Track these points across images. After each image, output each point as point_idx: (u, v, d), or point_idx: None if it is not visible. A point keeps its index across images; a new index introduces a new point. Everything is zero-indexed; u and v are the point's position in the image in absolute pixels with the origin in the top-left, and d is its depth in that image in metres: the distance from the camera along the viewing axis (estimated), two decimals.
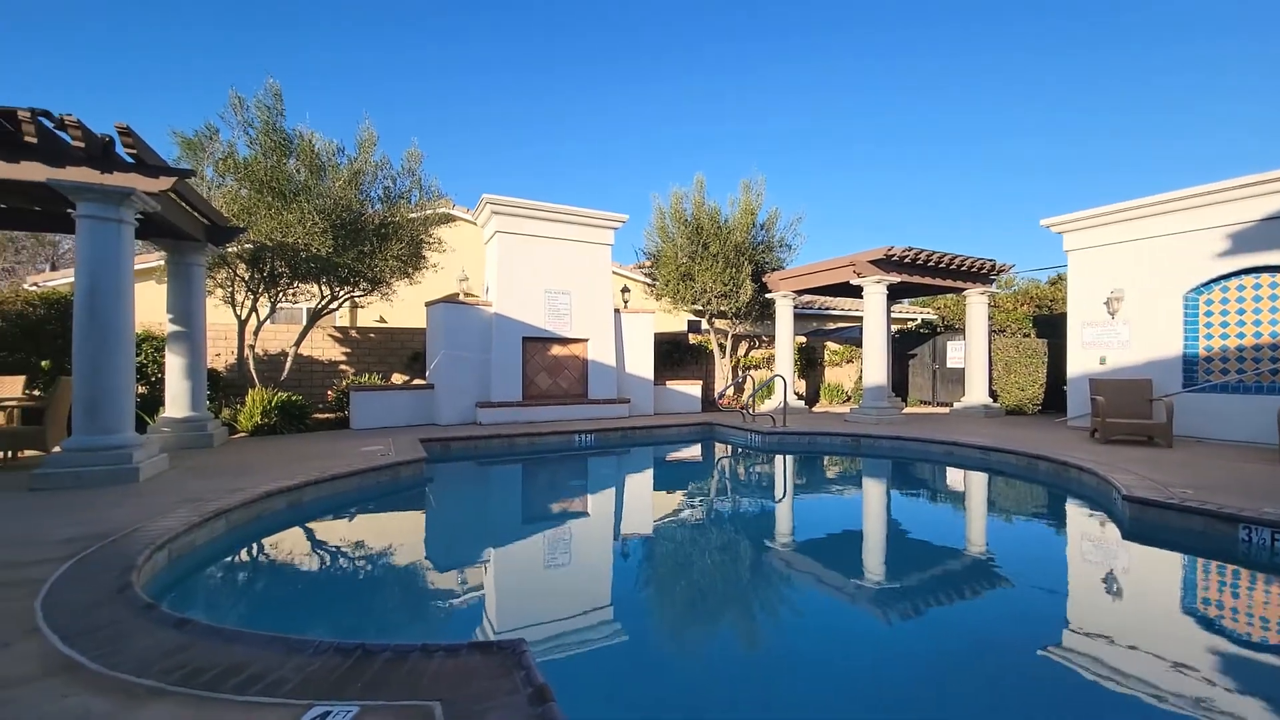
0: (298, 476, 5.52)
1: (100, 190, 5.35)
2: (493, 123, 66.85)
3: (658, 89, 65.57)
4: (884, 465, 8.24)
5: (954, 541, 5.10)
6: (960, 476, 7.46)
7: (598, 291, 11.53)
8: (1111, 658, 2.80)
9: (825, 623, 3.44)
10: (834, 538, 5.22)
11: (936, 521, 5.71)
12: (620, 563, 4.53)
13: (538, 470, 8.25)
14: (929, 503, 6.52)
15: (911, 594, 3.74)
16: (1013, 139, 68.78)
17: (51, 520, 4.03)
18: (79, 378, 5.35)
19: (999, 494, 6.76)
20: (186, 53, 42.36)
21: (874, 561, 4.59)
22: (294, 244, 9.25)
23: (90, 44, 38.68)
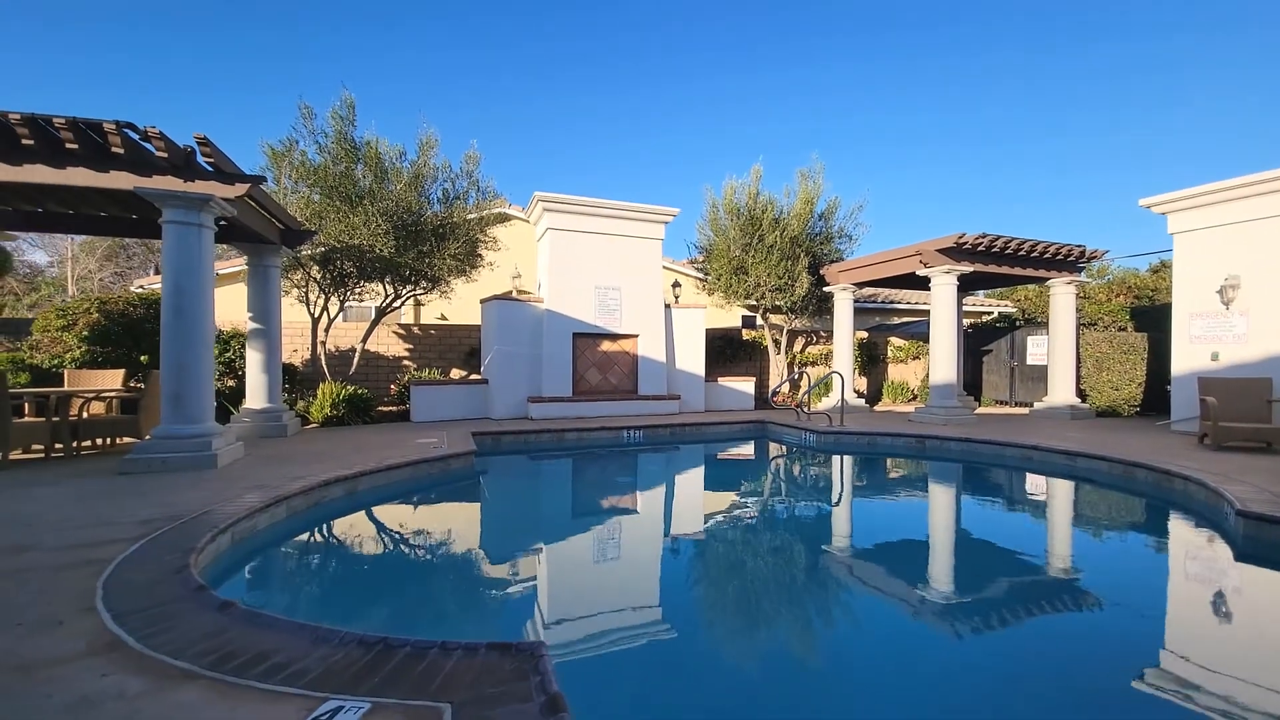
0: (355, 466, 5.75)
1: (183, 197, 5.77)
2: (546, 124, 68.11)
3: (708, 86, 64.58)
4: (952, 470, 7.66)
5: (1033, 555, 4.63)
6: (1042, 485, 6.81)
7: (648, 287, 11.43)
8: (1217, 691, 2.40)
9: (885, 636, 3.17)
10: (895, 545, 4.86)
11: (1013, 533, 5.21)
12: (665, 562, 4.42)
13: (586, 466, 8.26)
14: (1004, 512, 5.97)
15: (983, 610, 3.40)
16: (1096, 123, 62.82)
17: (134, 502, 4.37)
18: (165, 371, 5.81)
19: (1088, 505, 6.10)
20: (252, 55, 45.45)
21: (940, 572, 4.22)
22: (359, 245, 9.72)
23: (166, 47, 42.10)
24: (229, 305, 12.54)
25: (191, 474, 5.48)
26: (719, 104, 68.84)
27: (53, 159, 5.48)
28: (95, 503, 4.39)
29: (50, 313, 8.51)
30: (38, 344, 8.35)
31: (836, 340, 12.44)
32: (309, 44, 48.11)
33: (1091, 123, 62.08)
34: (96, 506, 4.26)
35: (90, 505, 4.29)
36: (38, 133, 5.17)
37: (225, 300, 13.72)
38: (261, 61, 47.22)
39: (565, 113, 68.58)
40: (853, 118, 67.93)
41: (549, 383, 10.60)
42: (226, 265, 14.32)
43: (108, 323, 8.50)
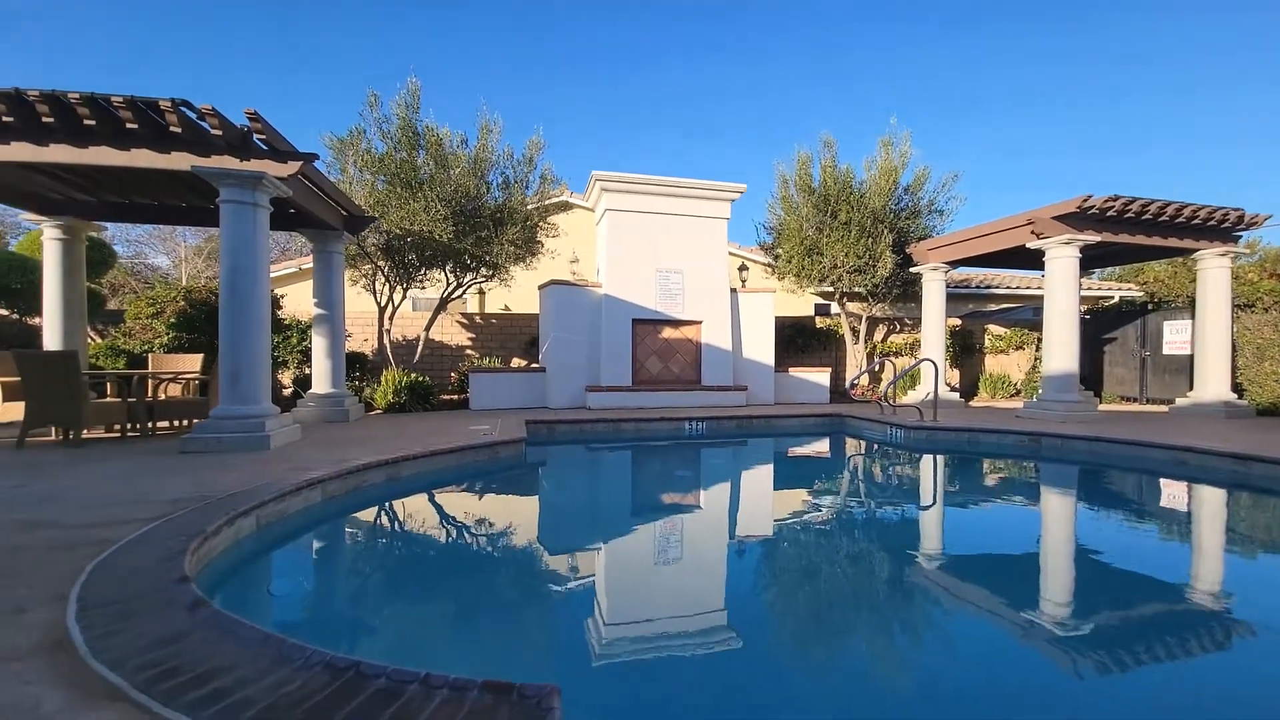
0: (400, 450, 5.50)
1: (237, 175, 5.73)
2: (605, 111, 67.58)
3: (774, 49, 61.70)
4: (1076, 474, 6.43)
5: (1178, 577, 3.57)
6: (1201, 495, 5.50)
7: (713, 270, 10.68)
8: None
9: (986, 662, 2.45)
10: (1001, 559, 3.93)
11: (1154, 550, 4.10)
12: (731, 566, 3.77)
13: (645, 458, 7.69)
14: (1148, 527, 4.79)
15: (1111, 638, 2.55)
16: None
17: (174, 481, 4.25)
18: (224, 350, 5.81)
19: (1262, 521, 4.80)
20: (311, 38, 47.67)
21: (1057, 592, 3.32)
22: (419, 231, 9.67)
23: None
24: (300, 297, 13.04)
25: (244, 454, 5.42)
26: (792, 75, 65.48)
27: (116, 140, 5.58)
28: (138, 480, 4.32)
29: (141, 301, 9.04)
30: (131, 331, 8.89)
31: (925, 327, 11.12)
32: (366, 26, 50.46)
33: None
34: (137, 484, 4.17)
35: (132, 483, 4.22)
36: (99, 113, 5.24)
37: (301, 294, 14.30)
38: (322, 43, 49.76)
39: (625, 97, 67.81)
40: (941, 82, 62.45)
41: (608, 371, 10.13)
42: (305, 260, 14.97)
43: (192, 310, 8.91)
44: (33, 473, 4.55)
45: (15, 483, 4.15)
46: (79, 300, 7.77)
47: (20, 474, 4.50)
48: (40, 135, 5.45)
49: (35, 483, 4.18)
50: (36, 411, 5.74)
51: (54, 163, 5.62)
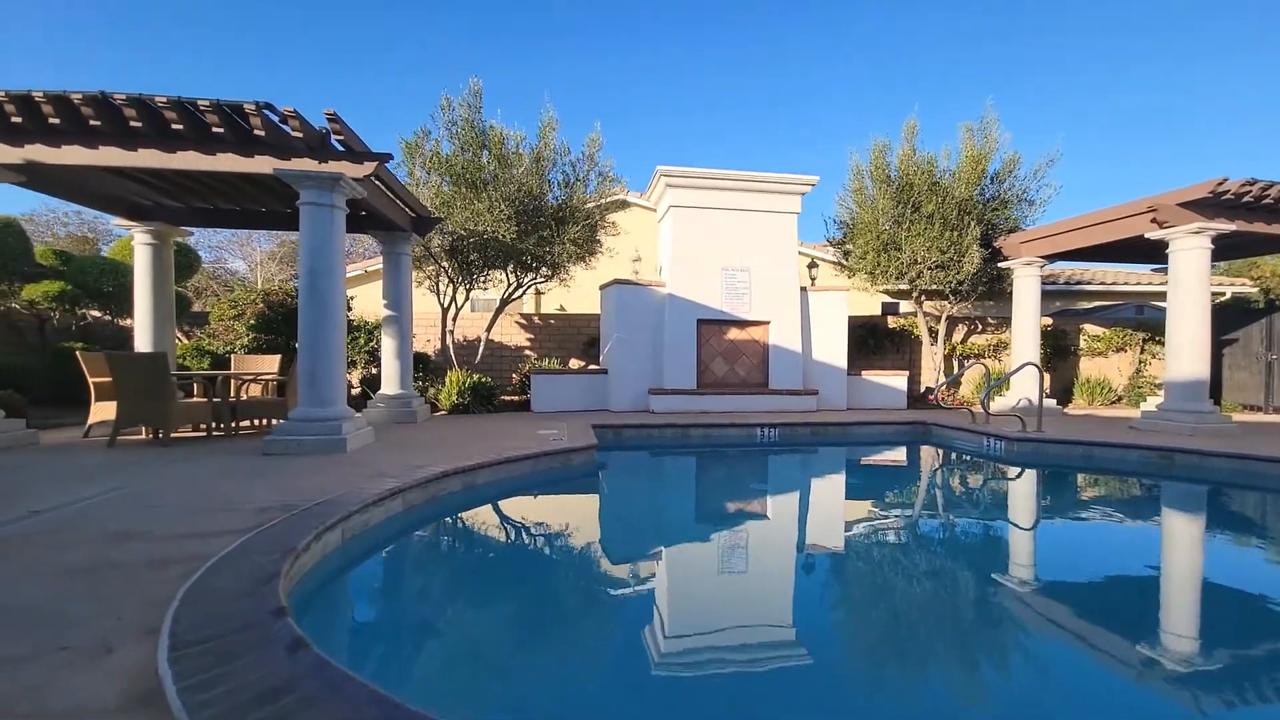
0: (474, 457, 5.32)
1: (315, 177, 5.71)
2: (665, 107, 66.69)
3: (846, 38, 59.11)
4: (1219, 498, 5.60)
5: None
6: None
7: (782, 267, 10.15)
8: None
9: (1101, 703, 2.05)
10: (1134, 598, 3.34)
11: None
12: (813, 587, 3.39)
13: (718, 467, 7.31)
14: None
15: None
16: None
17: (258, 486, 4.18)
18: (303, 351, 5.81)
19: None
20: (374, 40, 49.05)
21: (1188, 628, 2.77)
22: (482, 232, 9.61)
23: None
24: (372, 301, 13.32)
25: (322, 458, 5.38)
26: (860, 59, 62.63)
27: (201, 144, 5.65)
28: (224, 484, 4.28)
29: (224, 303, 9.38)
30: (214, 332, 9.22)
31: (1017, 327, 10.20)
32: (425, 25, 51.79)
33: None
34: (224, 488, 4.13)
35: (219, 487, 4.17)
36: (185, 117, 5.30)
37: (367, 296, 14.63)
38: (384, 41, 51.35)
39: (684, 94, 66.81)
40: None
41: (671, 373, 9.78)
42: (373, 263, 15.35)
43: (270, 312, 9.15)
44: (125, 474, 4.61)
45: (110, 486, 4.18)
46: (168, 303, 8.07)
47: (114, 475, 4.56)
48: (129, 140, 5.58)
49: (127, 486, 4.20)
50: (128, 411, 5.91)
51: (143, 167, 5.75)
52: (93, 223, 25.45)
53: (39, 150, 5.48)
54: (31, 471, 4.68)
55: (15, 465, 4.90)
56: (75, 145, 5.51)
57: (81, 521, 3.29)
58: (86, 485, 4.18)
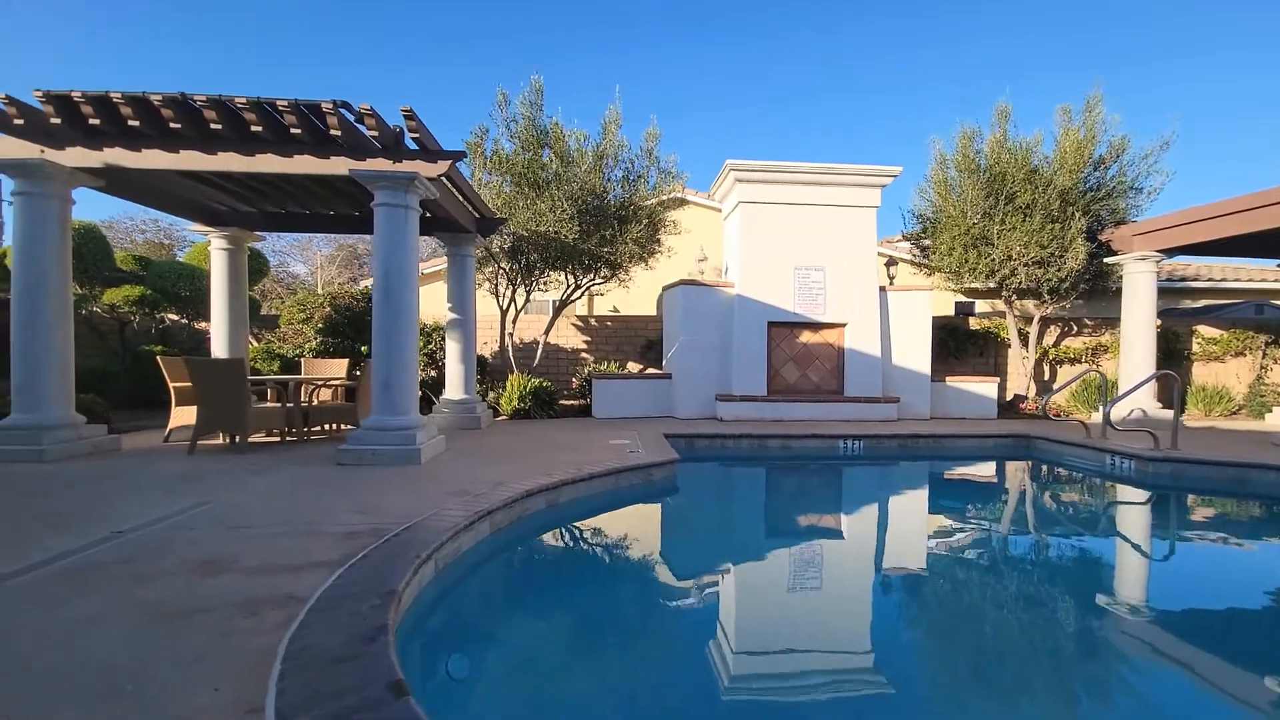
0: (554, 472, 4.97)
1: (390, 177, 5.49)
2: (721, 102, 64.94)
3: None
4: None
5: None
6: None
7: (859, 266, 9.47)
8: None
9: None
10: None
11: None
12: (916, 619, 2.80)
13: (800, 481, 6.78)
14: None
15: None
16: None
17: (340, 503, 3.93)
18: (376, 357, 5.61)
19: None
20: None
21: None
22: (545, 232, 9.34)
23: None
24: (430, 303, 13.31)
25: (397, 469, 5.15)
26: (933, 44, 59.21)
27: (279, 146, 5.52)
28: (305, 498, 4.06)
29: (293, 307, 9.44)
30: (283, 335, 9.29)
31: (1128, 329, 9.18)
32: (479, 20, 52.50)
33: None
34: (305, 504, 3.89)
35: (300, 501, 3.95)
36: (264, 118, 5.15)
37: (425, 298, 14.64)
38: (442, 37, 52.31)
39: (744, 87, 64.96)
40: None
41: (740, 379, 9.25)
42: (429, 265, 15.40)
43: (337, 315, 9.15)
44: (206, 486, 4.47)
45: (192, 500, 4.01)
46: (242, 307, 8.12)
47: (195, 487, 4.42)
48: (208, 142, 5.50)
49: (209, 501, 4.02)
50: (207, 416, 5.85)
51: (222, 171, 5.67)
52: (168, 229, 26.85)
53: (119, 154, 5.46)
54: (113, 481, 4.60)
55: (98, 473, 4.85)
56: (155, 149, 5.47)
57: (165, 545, 3.08)
58: (169, 499, 4.04)
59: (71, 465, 5.12)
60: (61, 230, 5.52)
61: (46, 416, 5.35)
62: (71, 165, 5.41)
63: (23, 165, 5.27)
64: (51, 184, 5.39)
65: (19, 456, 5.15)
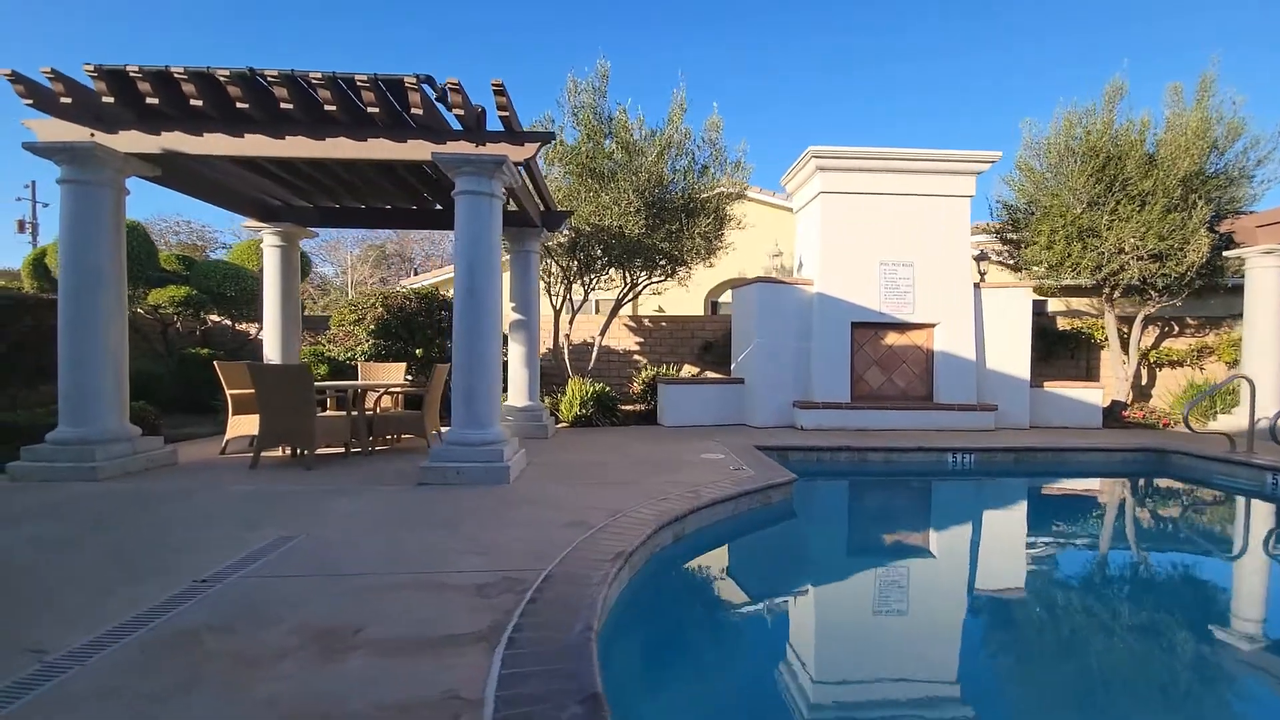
0: (668, 495, 4.32)
1: (476, 162, 4.89)
2: (784, 95, 62.55)
3: None
4: None
5: None
6: None
7: (951, 261, 8.68)
8: None
9: None
10: None
11: None
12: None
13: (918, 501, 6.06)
14: None
15: None
16: None
17: (447, 539, 3.32)
18: (458, 363, 5.01)
19: None
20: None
21: None
22: (608, 226, 8.71)
23: None
24: None
25: (487, 490, 4.54)
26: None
27: (353, 129, 4.95)
28: (404, 531, 3.45)
29: (344, 308, 8.94)
30: (334, 338, 8.78)
31: (1251, 329, 8.25)
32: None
33: None
34: (407, 540, 3.28)
35: (400, 537, 3.34)
36: (339, 96, 4.58)
37: None
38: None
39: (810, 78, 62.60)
40: None
41: (821, 384, 8.52)
42: None
43: (389, 316, 8.63)
44: (282, 511, 3.90)
45: (276, 533, 3.43)
46: (295, 308, 7.62)
47: (271, 512, 3.85)
48: (276, 125, 4.94)
49: (297, 536, 3.44)
50: (270, 428, 5.31)
51: (289, 158, 5.12)
52: (201, 230, 26.82)
53: (178, 138, 4.92)
54: (177, 504, 4.05)
55: (159, 495, 4.31)
56: (218, 133, 4.93)
57: (264, 603, 2.48)
58: (248, 531, 3.46)
59: (128, 484, 4.60)
60: (115, 222, 5.01)
61: (99, 428, 4.83)
62: (126, 150, 4.89)
63: (71, 150, 4.75)
64: (103, 171, 4.88)
65: (70, 475, 4.64)
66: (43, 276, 10.09)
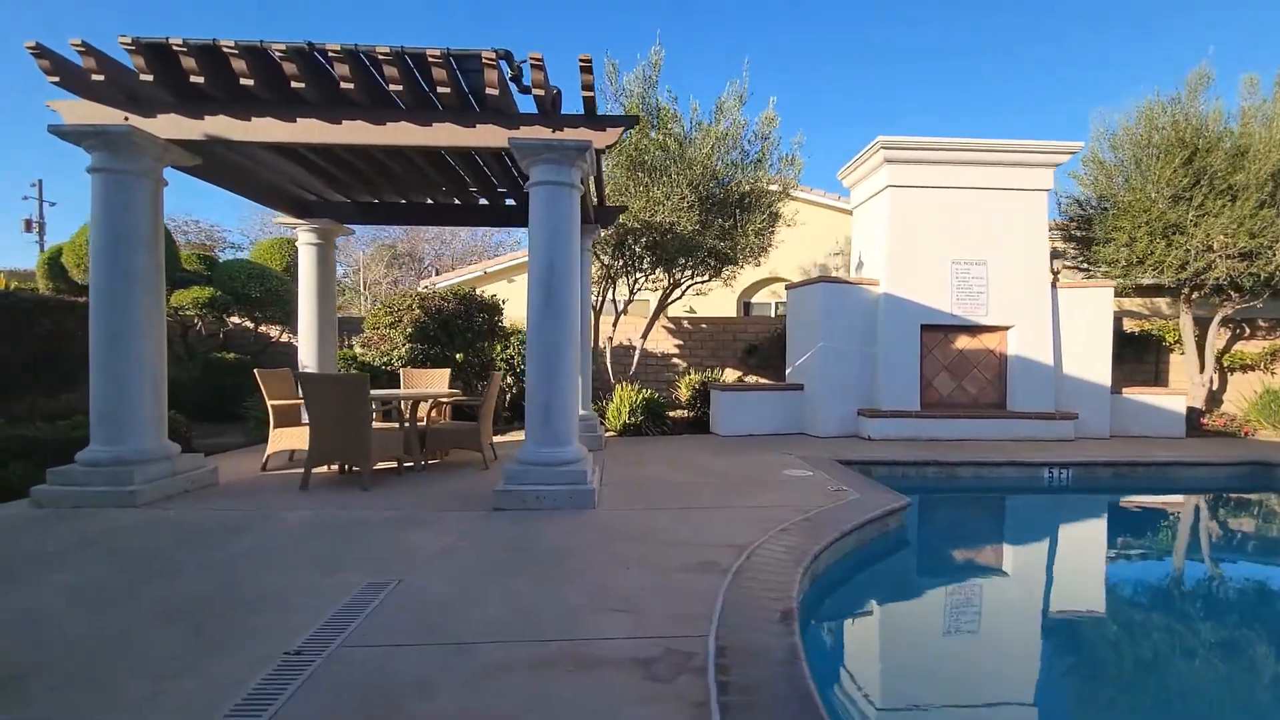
0: (783, 524, 3.80)
1: (560, 148, 4.37)
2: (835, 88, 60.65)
3: None
4: None
5: None
6: None
7: (1028, 258, 8.14)
8: None
9: None
10: None
11: None
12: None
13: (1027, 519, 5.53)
14: None
15: None
16: None
17: (562, 587, 2.79)
18: (535, 373, 4.49)
19: None
20: None
21: None
22: (659, 223, 8.18)
23: None
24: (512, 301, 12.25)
25: (573, 518, 4.02)
26: None
27: (417, 113, 4.43)
28: (510, 575, 2.93)
29: (380, 309, 8.43)
30: (368, 341, 8.27)
31: None
32: None
33: None
34: (520, 594, 2.75)
35: (510, 588, 2.80)
36: (405, 75, 4.07)
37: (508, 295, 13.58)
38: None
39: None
40: None
41: (889, 391, 7.99)
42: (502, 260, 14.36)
43: (426, 318, 8.12)
44: (360, 550, 3.38)
45: (360, 578, 2.91)
46: (331, 310, 7.12)
47: (348, 552, 3.33)
48: (332, 108, 4.43)
49: (387, 581, 2.92)
50: (322, 445, 4.79)
51: (347, 144, 4.60)
52: (210, 230, 26.32)
53: (224, 123, 4.40)
54: (234, 539, 3.53)
55: (210, 526, 3.80)
56: (268, 117, 4.41)
57: (384, 689, 1.96)
58: (323, 572, 2.95)
59: (171, 511, 4.08)
60: (153, 217, 4.49)
61: (136, 447, 4.31)
62: (166, 137, 4.37)
63: (104, 134, 4.21)
64: (141, 159, 4.36)
65: (104, 500, 4.12)
66: (59, 277, 9.60)
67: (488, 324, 8.78)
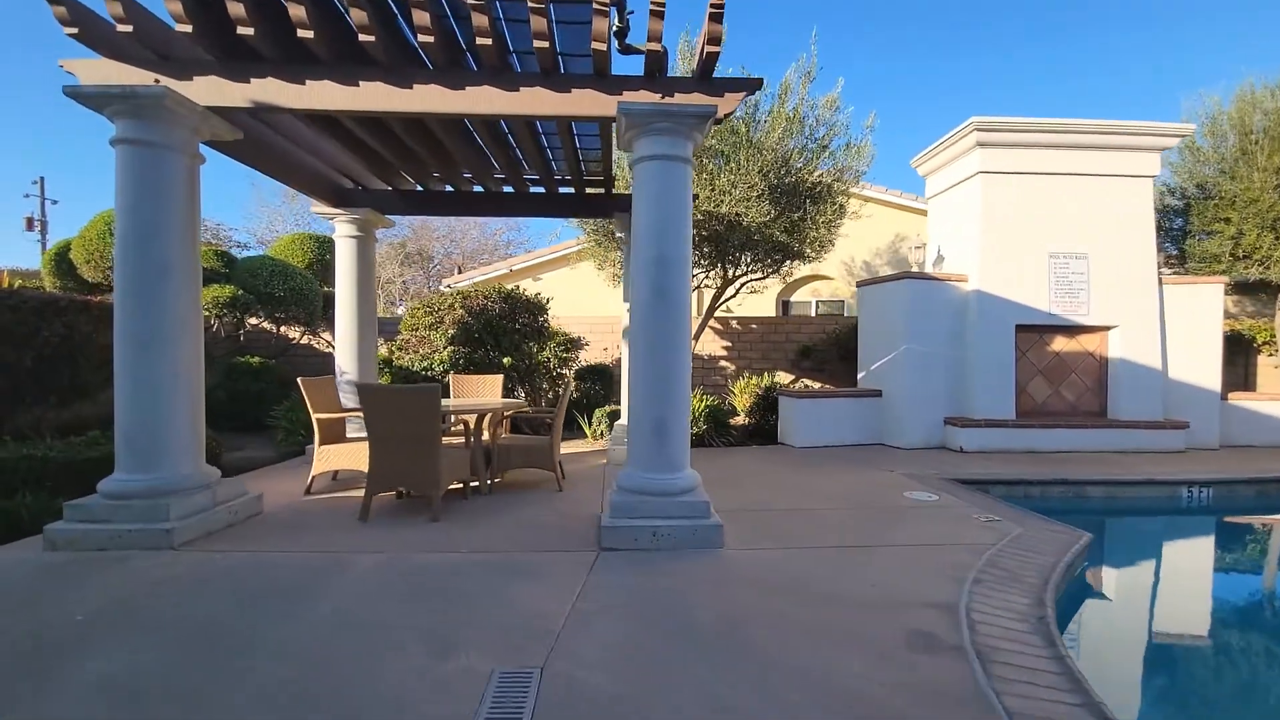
0: (966, 569, 3.08)
1: (677, 115, 3.65)
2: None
3: None
4: None
5: None
6: None
7: (1132, 252, 7.40)
8: None
9: None
10: None
11: None
12: None
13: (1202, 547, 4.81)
14: None
15: None
16: None
17: (759, 674, 2.06)
18: (643, 384, 3.78)
19: None
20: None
21: None
22: (724, 214, 7.46)
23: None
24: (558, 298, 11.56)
25: (701, 562, 3.31)
26: None
27: (499, 75, 3.72)
28: (693, 667, 2.19)
29: (419, 309, 7.71)
30: (406, 343, 7.56)
31: None
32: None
33: None
34: (716, 690, 2.02)
35: (694, 676, 2.08)
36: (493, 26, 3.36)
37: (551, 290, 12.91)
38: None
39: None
40: None
41: (981, 397, 7.26)
42: (545, 252, 13.60)
43: (469, 319, 7.40)
44: (463, 612, 2.66)
45: (491, 665, 2.20)
46: (371, 309, 6.42)
47: (457, 623, 2.61)
48: (405, 72, 3.71)
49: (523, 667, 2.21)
50: (384, 469, 4.08)
51: (415, 113, 3.87)
52: (216, 229, 25.60)
53: (273, 88, 3.68)
54: (300, 596, 2.82)
55: (267, 581, 3.08)
56: (326, 79, 3.69)
57: None
58: (435, 653, 2.23)
59: (217, 554, 3.37)
60: (188, 200, 3.77)
61: (172, 474, 3.60)
62: (205, 104, 3.65)
63: (132, 97, 3.46)
64: (175, 130, 3.63)
65: (135, 540, 3.41)
66: (67, 274, 8.89)
67: (530, 325, 8.08)
